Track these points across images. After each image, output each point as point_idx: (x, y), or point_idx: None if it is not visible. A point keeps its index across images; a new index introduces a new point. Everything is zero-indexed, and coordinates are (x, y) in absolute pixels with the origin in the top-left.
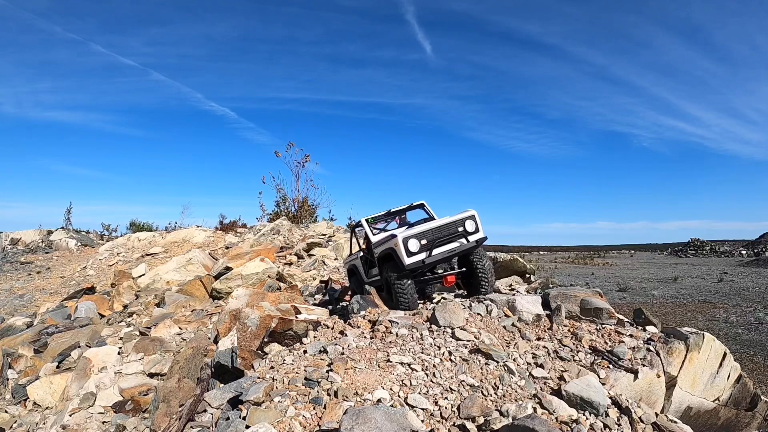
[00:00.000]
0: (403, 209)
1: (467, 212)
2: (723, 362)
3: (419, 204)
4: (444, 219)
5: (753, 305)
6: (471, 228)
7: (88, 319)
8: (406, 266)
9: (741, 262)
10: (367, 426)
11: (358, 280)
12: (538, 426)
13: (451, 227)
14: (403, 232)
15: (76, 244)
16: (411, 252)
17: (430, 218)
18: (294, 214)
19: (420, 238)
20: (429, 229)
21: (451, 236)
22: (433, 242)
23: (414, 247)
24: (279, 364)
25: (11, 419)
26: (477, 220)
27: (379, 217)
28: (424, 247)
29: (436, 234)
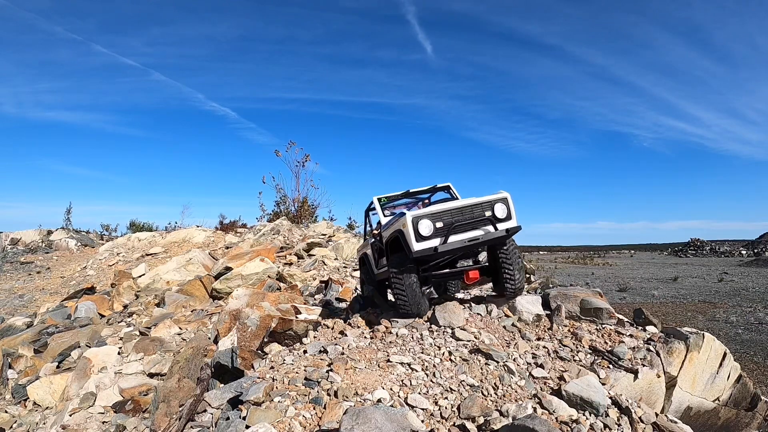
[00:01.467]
0: (425, 190)
1: (499, 194)
2: (723, 362)
3: (444, 186)
4: (468, 200)
5: (753, 305)
6: (501, 214)
7: (88, 319)
8: (413, 252)
9: (741, 262)
10: (367, 426)
11: (368, 270)
12: (538, 426)
13: (476, 210)
14: (414, 210)
15: (76, 244)
16: (421, 236)
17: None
18: (294, 214)
19: (434, 220)
20: (447, 209)
21: (475, 221)
22: (450, 226)
23: (426, 229)
24: (279, 364)
25: (11, 419)
26: (510, 205)
27: (395, 198)
28: (438, 231)
29: (455, 216)
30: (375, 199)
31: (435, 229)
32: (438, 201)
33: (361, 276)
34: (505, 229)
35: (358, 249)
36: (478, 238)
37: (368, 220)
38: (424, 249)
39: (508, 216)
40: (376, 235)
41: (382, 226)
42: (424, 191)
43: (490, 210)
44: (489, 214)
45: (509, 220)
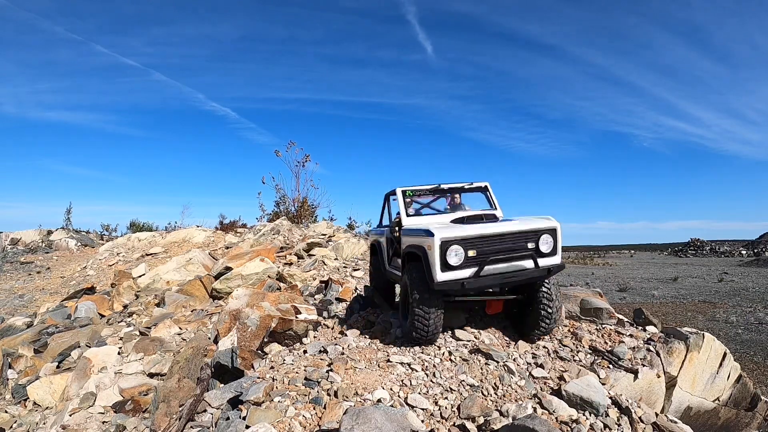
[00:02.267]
0: (458, 188)
1: (547, 221)
2: (723, 362)
3: (481, 186)
4: (512, 223)
5: (753, 305)
6: (546, 248)
7: (88, 319)
8: (435, 283)
9: (741, 262)
10: (367, 426)
11: (378, 262)
12: (538, 426)
13: (519, 240)
14: (445, 230)
15: (76, 244)
16: (449, 264)
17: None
18: (294, 214)
19: (467, 246)
20: (484, 235)
21: (514, 252)
22: (486, 256)
23: (455, 258)
24: (279, 364)
25: (11, 419)
26: (558, 238)
27: (422, 192)
28: (470, 260)
29: (493, 245)
30: (399, 192)
31: (466, 258)
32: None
33: (370, 268)
34: (548, 267)
35: (371, 233)
36: (516, 275)
37: (388, 207)
38: (449, 281)
39: (553, 251)
40: (395, 228)
41: (403, 229)
42: (457, 189)
43: (535, 242)
44: (532, 247)
45: (553, 256)
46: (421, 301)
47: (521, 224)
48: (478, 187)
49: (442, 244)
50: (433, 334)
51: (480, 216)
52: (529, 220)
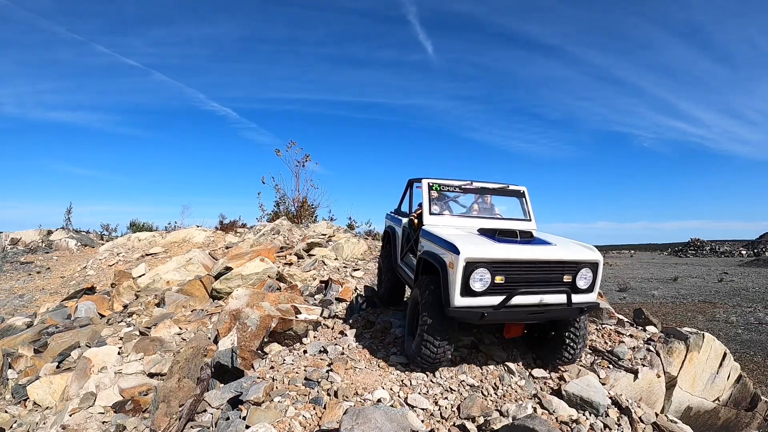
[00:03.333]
0: (492, 189)
1: (589, 252)
2: (723, 362)
3: (518, 191)
4: (551, 249)
5: (753, 305)
6: (584, 283)
7: (88, 319)
8: (450, 308)
9: (741, 262)
10: (367, 426)
11: (389, 254)
12: (538, 426)
13: (555, 270)
14: (472, 246)
15: (76, 244)
16: (471, 289)
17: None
18: (294, 214)
19: (496, 270)
20: (518, 260)
21: (548, 284)
22: (515, 285)
23: (480, 282)
24: (279, 364)
25: (11, 419)
26: (598, 273)
27: (452, 187)
28: (495, 287)
29: (526, 271)
30: (425, 184)
31: (492, 284)
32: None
33: (379, 260)
34: (581, 307)
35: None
36: (542, 312)
37: (410, 194)
38: (468, 309)
39: (590, 288)
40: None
41: (423, 229)
42: (490, 190)
43: (572, 275)
44: (568, 280)
45: (589, 293)
46: (432, 330)
47: (562, 252)
48: (513, 191)
49: (467, 265)
50: (440, 363)
51: (513, 231)
52: (569, 247)
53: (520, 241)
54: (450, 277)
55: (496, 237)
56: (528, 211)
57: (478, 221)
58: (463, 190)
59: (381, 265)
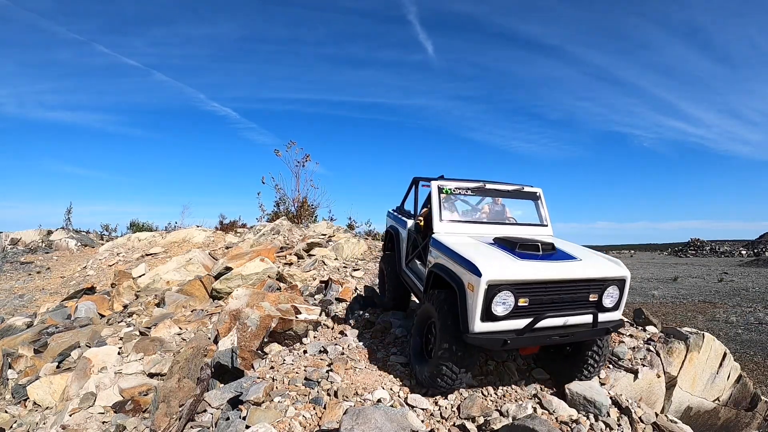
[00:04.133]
0: (507, 191)
1: (616, 267)
2: (723, 362)
3: (533, 193)
4: (577, 265)
5: (753, 305)
6: (610, 301)
7: (88, 319)
8: (468, 334)
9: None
10: (367, 426)
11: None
12: (538, 426)
13: (580, 290)
14: (493, 265)
15: (76, 244)
16: (493, 314)
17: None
18: (294, 214)
19: (520, 292)
20: (545, 280)
21: (573, 304)
22: (539, 307)
23: (502, 306)
24: (279, 364)
25: (11, 419)
26: (625, 290)
27: (462, 189)
28: (518, 310)
29: (552, 292)
30: (435, 188)
31: (515, 307)
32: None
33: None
34: (607, 327)
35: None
36: (567, 334)
37: (415, 193)
38: (488, 335)
39: (617, 303)
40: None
41: (433, 239)
42: (504, 192)
43: (599, 293)
44: (594, 299)
45: (615, 311)
46: (452, 358)
47: (588, 268)
48: (528, 193)
49: (490, 288)
50: (455, 388)
51: (535, 243)
52: (595, 263)
53: (543, 257)
54: (468, 300)
55: (516, 251)
56: (544, 215)
57: (493, 228)
58: (475, 192)
59: (383, 269)
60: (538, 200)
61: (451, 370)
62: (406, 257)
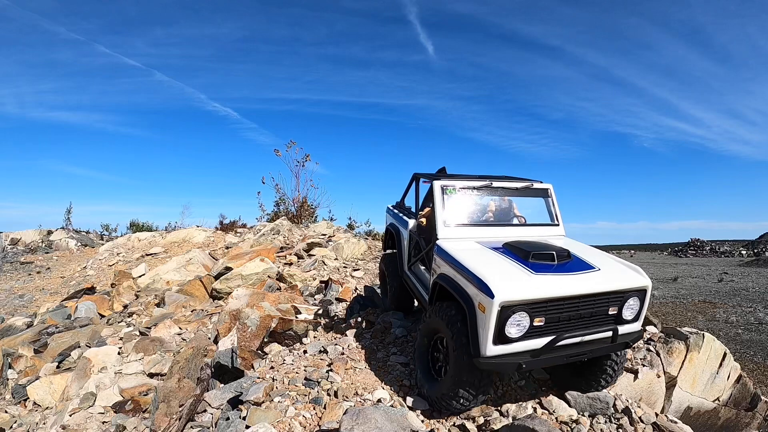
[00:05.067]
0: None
1: (636, 276)
2: (723, 362)
3: (543, 189)
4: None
5: (753, 305)
6: (630, 313)
7: (88, 319)
8: (480, 358)
9: (741, 262)
10: (367, 426)
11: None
12: (538, 426)
13: (599, 304)
14: (506, 286)
15: (76, 244)
16: (506, 337)
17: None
18: (294, 214)
19: (536, 311)
20: (563, 296)
21: (592, 319)
22: (556, 326)
23: (517, 328)
24: (279, 364)
25: (11, 419)
26: (646, 300)
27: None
28: (533, 330)
29: (570, 309)
30: (438, 188)
31: (530, 327)
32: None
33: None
34: (626, 341)
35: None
36: (584, 351)
37: (416, 191)
38: (501, 359)
39: (637, 315)
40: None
41: (438, 247)
42: (511, 190)
43: (619, 305)
44: (613, 312)
45: (634, 323)
46: (467, 380)
47: (609, 280)
48: (538, 190)
49: (503, 307)
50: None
51: (549, 252)
52: (615, 272)
53: (559, 267)
54: (479, 321)
55: (529, 261)
56: (555, 213)
57: (501, 231)
58: (482, 191)
59: (384, 271)
60: (549, 197)
61: (468, 392)
62: (408, 260)
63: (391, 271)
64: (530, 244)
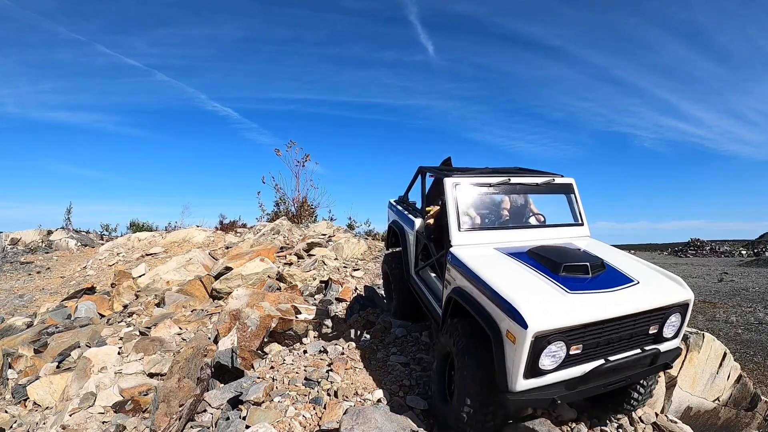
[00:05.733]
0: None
1: (680, 291)
2: (723, 362)
3: (566, 185)
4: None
5: (753, 305)
6: (671, 331)
7: (88, 319)
8: (509, 394)
9: (741, 262)
10: (367, 426)
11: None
12: (538, 426)
13: (642, 322)
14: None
15: (76, 244)
16: (540, 368)
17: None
18: (294, 214)
19: (573, 339)
20: (604, 320)
21: (630, 341)
22: (594, 352)
23: (552, 359)
24: (279, 364)
25: (11, 419)
26: (688, 314)
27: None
28: (570, 359)
29: (609, 332)
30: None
31: (567, 356)
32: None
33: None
34: (666, 361)
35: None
36: (624, 377)
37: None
38: (532, 393)
39: (677, 332)
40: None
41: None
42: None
43: (660, 323)
44: (654, 331)
45: (673, 340)
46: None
47: (650, 296)
48: (560, 186)
49: (537, 340)
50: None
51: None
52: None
53: (595, 281)
54: (507, 352)
55: (560, 275)
56: (579, 211)
57: (521, 234)
58: (500, 189)
59: (387, 273)
60: (573, 193)
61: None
62: (415, 263)
63: (395, 273)
64: (558, 251)
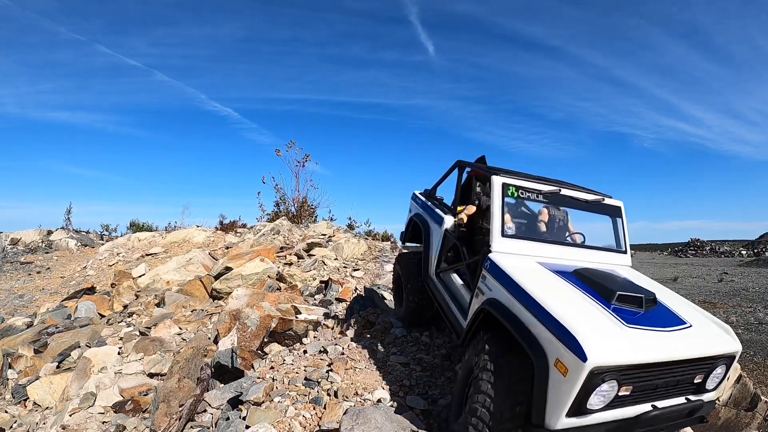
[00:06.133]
0: (584, 201)
1: (729, 341)
2: None
3: (614, 207)
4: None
5: (753, 305)
6: (714, 382)
7: (88, 319)
8: (544, 430)
9: (741, 262)
10: (367, 426)
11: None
12: None
13: (691, 369)
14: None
15: (76, 244)
16: (587, 407)
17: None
18: (294, 214)
19: (624, 380)
20: (661, 362)
21: (675, 388)
22: (642, 395)
23: (602, 399)
24: (279, 364)
25: (11, 419)
26: (732, 366)
27: (533, 192)
28: (617, 401)
29: (660, 375)
30: (498, 184)
31: (616, 397)
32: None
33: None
34: (703, 414)
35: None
36: (663, 426)
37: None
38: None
39: (720, 381)
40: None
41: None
42: (581, 202)
43: (706, 373)
44: (698, 381)
45: (713, 391)
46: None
47: (703, 343)
48: (608, 207)
49: (592, 375)
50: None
51: (638, 294)
52: (707, 333)
53: (647, 317)
54: (552, 384)
55: (613, 304)
56: (624, 238)
57: (563, 251)
58: (548, 198)
59: (399, 275)
60: (620, 217)
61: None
62: (437, 263)
63: (411, 272)
64: (609, 277)
